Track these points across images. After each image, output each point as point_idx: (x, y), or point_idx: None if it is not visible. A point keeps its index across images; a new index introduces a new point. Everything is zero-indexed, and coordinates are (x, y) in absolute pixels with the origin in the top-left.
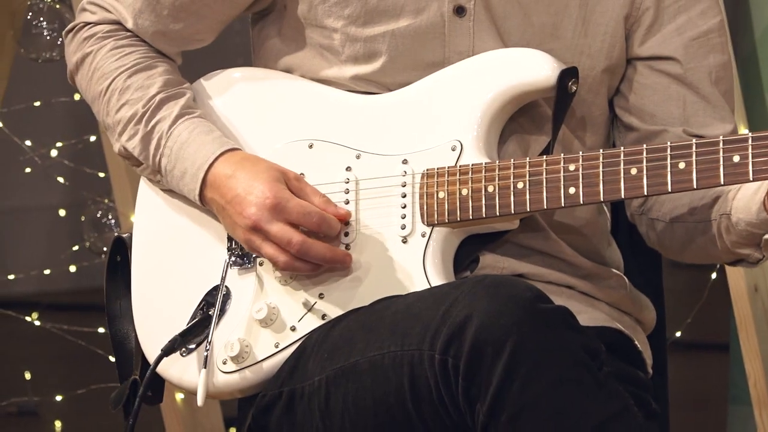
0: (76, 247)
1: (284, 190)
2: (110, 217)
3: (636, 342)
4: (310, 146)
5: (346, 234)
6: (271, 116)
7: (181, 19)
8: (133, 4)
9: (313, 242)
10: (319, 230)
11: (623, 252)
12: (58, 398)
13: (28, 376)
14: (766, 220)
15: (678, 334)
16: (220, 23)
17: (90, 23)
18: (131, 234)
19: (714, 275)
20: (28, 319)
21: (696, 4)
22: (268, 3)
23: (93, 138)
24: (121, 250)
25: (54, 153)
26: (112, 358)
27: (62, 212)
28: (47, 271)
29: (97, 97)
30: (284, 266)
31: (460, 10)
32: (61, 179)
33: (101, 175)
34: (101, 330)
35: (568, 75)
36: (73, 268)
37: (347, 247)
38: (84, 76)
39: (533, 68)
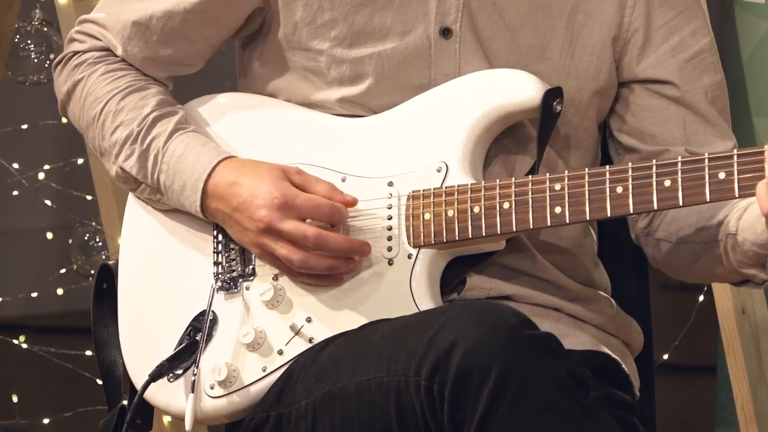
0: (63, 270)
1: (290, 186)
2: (98, 239)
3: (623, 365)
4: None
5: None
6: (257, 141)
7: (171, 44)
8: (122, 31)
9: (328, 234)
10: (331, 220)
11: (610, 274)
12: (46, 421)
13: (15, 398)
14: None
15: (665, 356)
16: (210, 48)
17: (79, 51)
18: (117, 261)
19: (701, 298)
20: (15, 341)
21: (687, 25)
22: (256, 27)
23: (80, 161)
24: (108, 277)
25: (41, 176)
26: (99, 381)
27: (50, 235)
28: (35, 294)
29: (91, 122)
30: (300, 264)
31: (446, 32)
32: (48, 202)
33: (89, 197)
34: (89, 353)
35: (553, 95)
36: (60, 291)
37: None
38: (76, 103)
39: (518, 89)
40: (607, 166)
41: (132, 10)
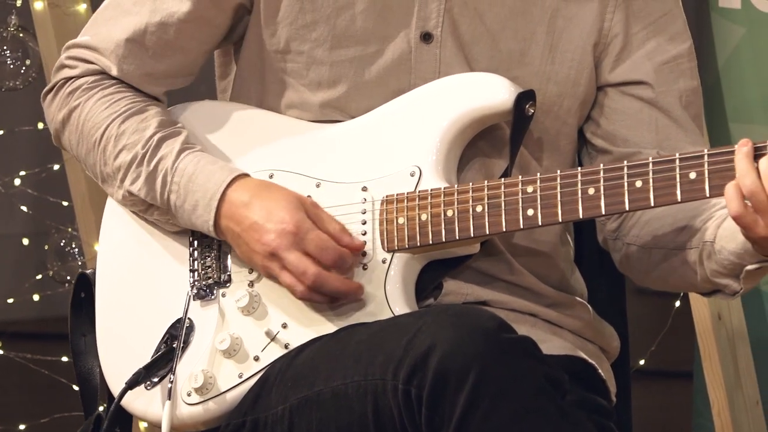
0: (39, 276)
1: (305, 219)
2: (74, 245)
3: (600, 370)
4: (271, 176)
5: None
6: (232, 148)
7: (167, 56)
8: (116, 50)
9: (327, 276)
10: (334, 266)
11: (587, 280)
12: (22, 427)
13: None
14: (750, 250)
15: (642, 362)
16: (204, 54)
17: (72, 78)
18: (95, 270)
19: (678, 303)
20: None
21: (665, 30)
22: (242, 32)
23: (57, 167)
24: (85, 286)
25: (17, 182)
26: (75, 387)
27: (26, 241)
28: (10, 300)
29: (92, 148)
30: (302, 296)
31: (427, 37)
32: (24, 208)
33: (65, 203)
34: (65, 359)
35: (526, 98)
36: (36, 297)
37: None
38: (73, 131)
39: (490, 92)
40: (579, 168)
41: (122, 29)
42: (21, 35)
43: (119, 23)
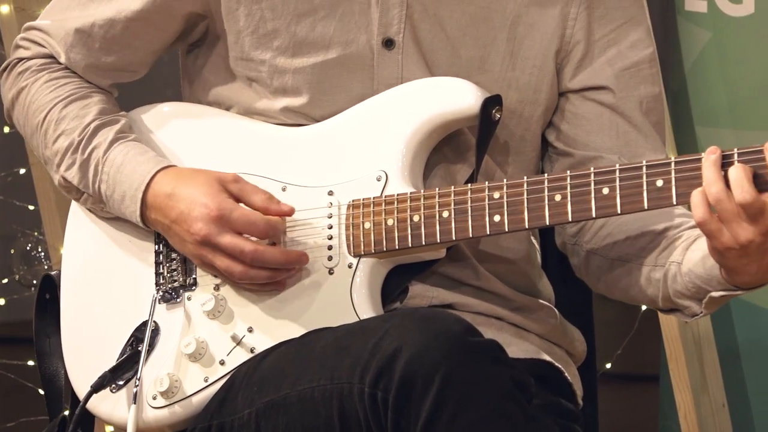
0: (5, 280)
1: (226, 199)
2: (40, 249)
3: (566, 374)
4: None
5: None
6: (199, 151)
7: (113, 51)
8: (65, 38)
9: (265, 248)
10: (266, 237)
11: (554, 284)
12: None
13: None
14: (717, 277)
15: (608, 365)
16: (153, 54)
17: (24, 58)
18: (60, 271)
19: (644, 307)
20: None
21: (626, 37)
22: (199, 35)
23: (23, 170)
24: (50, 288)
25: None
26: (41, 391)
27: None
28: None
29: (35, 130)
30: (240, 276)
31: (388, 43)
32: None
33: (31, 207)
34: (31, 363)
35: (492, 103)
36: (2, 301)
37: None
38: (21, 111)
39: (457, 97)
40: (546, 175)
41: (75, 18)
42: None
43: (73, 12)
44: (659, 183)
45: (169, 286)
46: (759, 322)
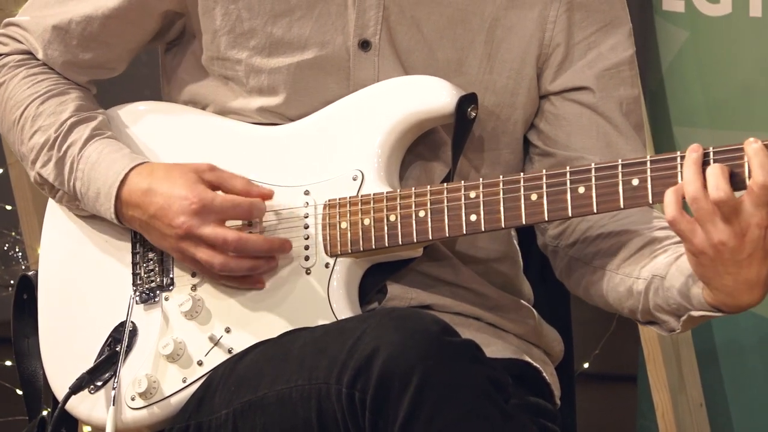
0: None
1: (205, 189)
2: (17, 249)
3: (544, 373)
4: None
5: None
6: (174, 150)
7: (91, 48)
8: (43, 34)
9: (247, 237)
10: (251, 217)
11: (533, 284)
12: None
13: None
14: (699, 298)
15: (586, 365)
16: (130, 52)
17: (2, 54)
18: (37, 272)
19: None
20: None
21: (606, 40)
22: (176, 33)
23: (0, 170)
24: (28, 288)
25: None
26: (19, 392)
27: None
28: None
29: (12, 126)
30: (221, 268)
31: (365, 45)
32: None
33: (8, 207)
34: (9, 363)
35: (467, 101)
36: None
37: None
38: None
39: (432, 95)
40: (522, 174)
41: (53, 14)
42: None
43: (52, 9)
44: (635, 182)
45: (147, 286)
46: (736, 322)
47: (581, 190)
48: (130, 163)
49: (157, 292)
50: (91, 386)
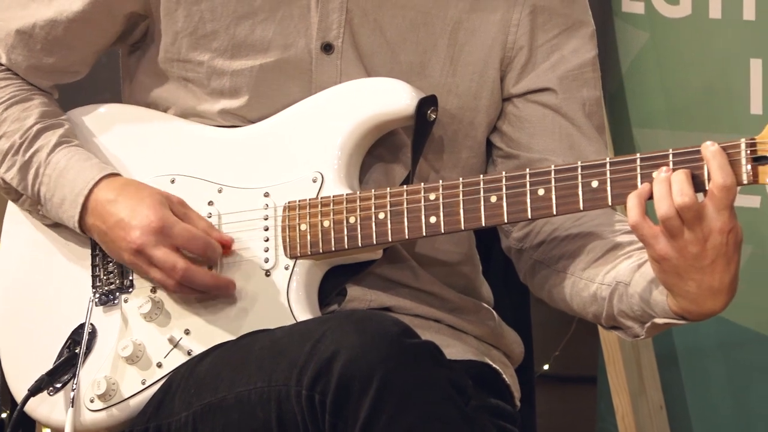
0: None
1: (170, 214)
2: None
3: (504, 375)
4: (172, 181)
5: (210, 268)
6: (134, 152)
7: (55, 52)
8: (6, 39)
9: (196, 270)
10: (204, 255)
11: (493, 286)
12: None
13: None
14: (662, 305)
15: (546, 367)
16: (94, 54)
17: None
18: None
19: None
20: None
21: (568, 42)
22: (140, 35)
23: None
24: None
25: None
26: None
27: None
28: None
29: None
30: (174, 289)
31: (327, 48)
32: None
33: None
34: None
35: (427, 103)
36: None
37: None
38: None
39: (391, 97)
40: (481, 176)
41: (16, 19)
42: None
43: (16, 13)
44: (594, 184)
45: (106, 288)
46: (696, 324)
47: (541, 192)
48: (100, 172)
49: (117, 294)
50: (50, 388)
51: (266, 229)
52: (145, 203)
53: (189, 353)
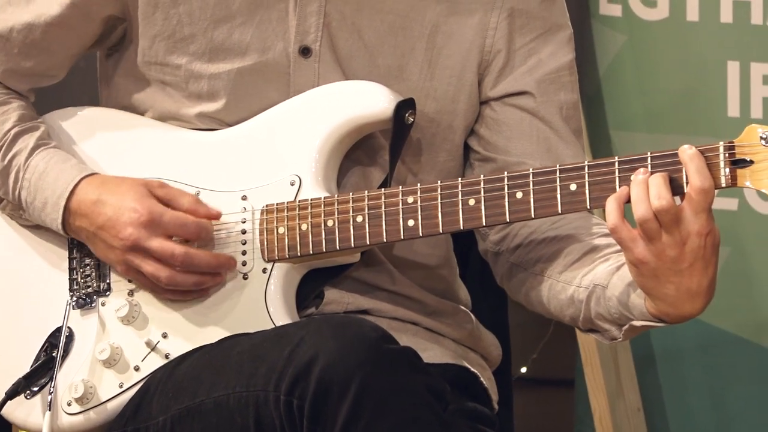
0: None
1: (155, 204)
2: None
3: (482, 378)
4: None
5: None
6: (112, 155)
7: (33, 56)
8: None
9: (195, 252)
10: (198, 238)
11: (471, 289)
12: None
13: None
14: (640, 308)
15: (523, 369)
16: (71, 58)
17: None
18: None
19: None
20: None
21: (546, 46)
22: (117, 38)
23: None
24: None
25: None
26: None
27: None
28: None
29: None
30: (167, 281)
31: (305, 51)
32: None
33: None
34: None
35: (405, 107)
36: None
37: None
38: None
39: (370, 100)
40: (460, 179)
41: None
42: None
43: None
44: (573, 187)
45: (83, 291)
46: (674, 327)
47: (519, 195)
48: (79, 173)
49: (94, 297)
50: (27, 391)
51: (244, 233)
52: (128, 197)
53: (167, 356)
